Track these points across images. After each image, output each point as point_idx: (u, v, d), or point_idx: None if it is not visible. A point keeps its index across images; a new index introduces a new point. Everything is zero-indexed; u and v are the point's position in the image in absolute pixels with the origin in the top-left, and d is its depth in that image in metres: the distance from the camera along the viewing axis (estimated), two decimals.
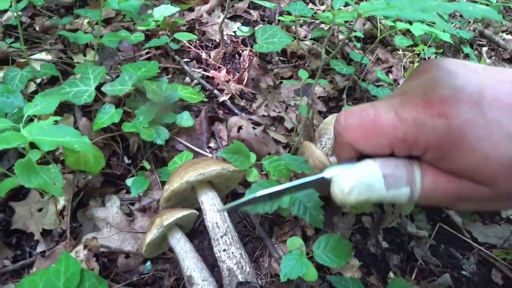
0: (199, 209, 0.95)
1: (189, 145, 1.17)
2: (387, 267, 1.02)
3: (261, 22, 1.85)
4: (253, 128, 1.21)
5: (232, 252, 0.86)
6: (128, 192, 1.07)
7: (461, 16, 2.35)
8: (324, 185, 0.65)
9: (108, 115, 1.04)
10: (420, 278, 1.02)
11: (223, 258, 0.86)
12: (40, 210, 1.01)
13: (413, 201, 0.63)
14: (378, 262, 1.02)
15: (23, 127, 0.84)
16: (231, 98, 1.38)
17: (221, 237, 0.88)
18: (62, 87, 1.03)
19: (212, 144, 1.21)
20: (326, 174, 0.66)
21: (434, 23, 1.62)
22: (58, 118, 0.90)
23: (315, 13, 1.68)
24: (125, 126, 1.04)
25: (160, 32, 1.53)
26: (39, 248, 0.96)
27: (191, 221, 0.99)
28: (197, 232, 1.01)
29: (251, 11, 1.88)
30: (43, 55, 1.40)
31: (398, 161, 0.64)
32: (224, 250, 0.87)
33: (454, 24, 2.18)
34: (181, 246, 0.89)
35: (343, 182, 0.63)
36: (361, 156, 0.66)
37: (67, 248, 0.94)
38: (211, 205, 0.93)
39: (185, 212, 0.90)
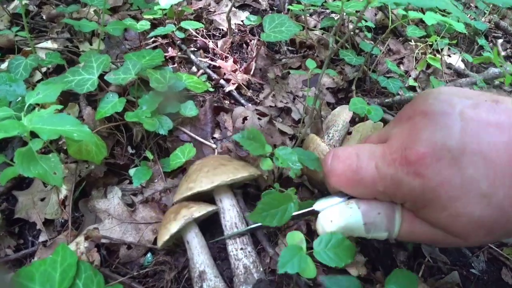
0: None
1: (193, 135, 1.15)
2: (394, 263, 0.99)
3: (270, 11, 1.81)
4: (259, 119, 1.18)
5: (249, 251, 0.88)
6: (131, 182, 1.06)
7: (476, 7, 2.29)
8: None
9: (111, 104, 1.02)
10: (428, 276, 1.00)
11: (240, 256, 0.87)
12: (42, 199, 1.00)
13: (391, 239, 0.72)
14: (384, 258, 0.99)
15: (25, 115, 0.83)
16: (238, 88, 1.36)
17: (239, 237, 0.90)
18: (65, 76, 1.02)
19: (216, 135, 1.19)
20: (316, 207, 0.73)
21: (448, 13, 1.57)
22: (59, 106, 0.89)
23: (326, 1, 1.64)
24: (127, 115, 1.03)
25: (167, 21, 1.51)
26: (41, 238, 0.96)
27: (207, 217, 0.97)
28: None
29: None
30: (49, 44, 1.39)
31: (381, 208, 0.68)
32: (242, 248, 0.88)
33: (469, 15, 2.12)
34: (198, 241, 0.89)
35: (327, 226, 0.72)
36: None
37: (68, 238, 0.93)
38: (230, 205, 0.94)
39: (211, 207, 0.91)
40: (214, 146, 1.14)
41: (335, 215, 0.70)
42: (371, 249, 1.00)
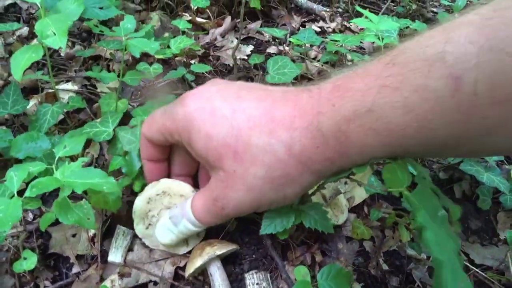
0: None
1: None
2: None
3: (272, 42, 1.92)
4: None
5: (264, 286, 0.99)
6: None
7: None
8: None
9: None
10: None
11: None
12: (74, 235, 1.12)
13: (201, 226, 0.88)
14: (378, 284, 1.10)
15: (56, 168, 0.95)
16: None
17: (256, 273, 1.00)
18: (84, 128, 1.14)
19: None
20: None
21: None
22: (86, 159, 1.01)
23: (325, 34, 1.76)
24: None
25: (176, 59, 1.63)
26: (74, 270, 1.08)
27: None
28: None
29: (263, 32, 1.95)
30: (69, 86, 1.51)
31: (180, 204, 0.90)
32: (257, 283, 0.99)
33: None
34: (220, 273, 0.99)
35: (159, 237, 0.98)
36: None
37: (97, 271, 1.05)
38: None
39: (232, 246, 1.00)
40: None
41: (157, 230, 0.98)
42: (367, 276, 1.11)
